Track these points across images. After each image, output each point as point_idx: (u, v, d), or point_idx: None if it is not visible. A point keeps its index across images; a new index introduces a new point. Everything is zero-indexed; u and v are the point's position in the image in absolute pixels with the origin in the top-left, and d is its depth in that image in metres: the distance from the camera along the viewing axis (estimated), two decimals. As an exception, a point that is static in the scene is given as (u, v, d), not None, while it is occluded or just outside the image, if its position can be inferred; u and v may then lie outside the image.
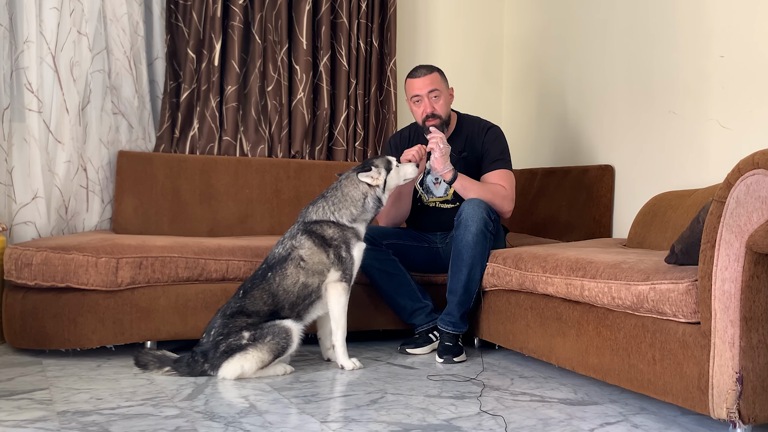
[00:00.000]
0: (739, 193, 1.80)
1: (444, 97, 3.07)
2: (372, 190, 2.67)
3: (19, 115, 3.32)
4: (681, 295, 1.94)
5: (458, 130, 3.16)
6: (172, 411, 2.10)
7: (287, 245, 2.61)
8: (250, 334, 2.48)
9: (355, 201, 2.65)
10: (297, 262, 2.57)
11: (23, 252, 2.74)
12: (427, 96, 3.03)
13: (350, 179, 2.69)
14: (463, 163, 3.08)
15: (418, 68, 3.09)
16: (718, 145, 3.02)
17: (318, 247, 2.60)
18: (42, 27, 3.27)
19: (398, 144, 3.26)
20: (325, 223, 2.63)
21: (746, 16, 2.90)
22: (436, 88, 3.03)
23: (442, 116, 3.06)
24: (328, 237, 2.61)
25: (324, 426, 1.98)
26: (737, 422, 1.81)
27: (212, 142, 3.76)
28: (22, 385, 2.37)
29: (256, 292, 2.55)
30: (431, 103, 3.03)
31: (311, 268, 2.59)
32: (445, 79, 3.12)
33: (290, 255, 2.58)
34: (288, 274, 2.56)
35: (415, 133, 3.24)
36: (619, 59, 3.59)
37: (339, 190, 2.67)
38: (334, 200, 2.66)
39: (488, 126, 3.16)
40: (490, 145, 3.09)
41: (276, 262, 2.59)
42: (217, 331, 2.50)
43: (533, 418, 2.09)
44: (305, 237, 2.61)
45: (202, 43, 3.73)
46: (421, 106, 3.05)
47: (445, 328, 2.88)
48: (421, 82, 3.04)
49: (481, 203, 2.83)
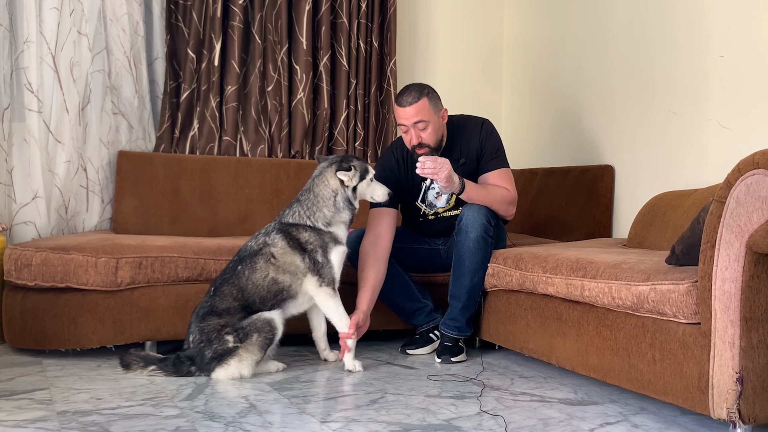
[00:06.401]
0: (739, 193, 1.80)
1: (432, 124, 2.85)
2: (342, 189, 2.64)
3: (19, 115, 3.32)
4: (681, 296, 1.94)
5: (451, 138, 3.01)
6: (172, 411, 2.10)
7: (260, 240, 2.61)
8: (234, 336, 2.47)
9: (326, 200, 2.63)
10: (267, 258, 2.57)
11: (23, 252, 2.74)
12: (412, 127, 2.84)
13: (322, 177, 2.66)
14: (462, 170, 2.95)
15: (405, 93, 2.85)
16: (718, 145, 3.02)
17: (291, 248, 2.58)
18: (42, 27, 3.27)
19: (393, 167, 3.06)
20: (301, 227, 2.62)
21: (746, 16, 2.90)
22: (421, 119, 2.82)
23: (431, 144, 2.88)
24: (303, 241, 2.60)
25: (324, 426, 1.98)
26: (737, 422, 1.81)
27: (212, 142, 3.76)
28: (22, 385, 2.37)
29: (225, 288, 2.55)
30: (417, 134, 2.86)
31: (282, 266, 2.57)
32: (437, 101, 2.89)
33: (261, 250, 2.58)
34: (257, 268, 2.56)
35: (407, 154, 3.04)
36: (619, 59, 3.59)
37: (311, 192, 2.66)
38: (307, 204, 2.64)
39: (480, 122, 3.04)
40: (486, 143, 2.99)
41: (246, 255, 2.59)
42: (196, 338, 2.51)
43: (533, 418, 2.09)
44: (279, 236, 2.60)
45: (202, 43, 3.73)
46: (408, 136, 2.90)
47: (449, 332, 2.87)
48: (404, 113, 2.83)
49: (481, 208, 2.81)
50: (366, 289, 2.78)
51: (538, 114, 4.22)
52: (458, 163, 2.97)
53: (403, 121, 2.86)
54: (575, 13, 3.91)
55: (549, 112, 4.13)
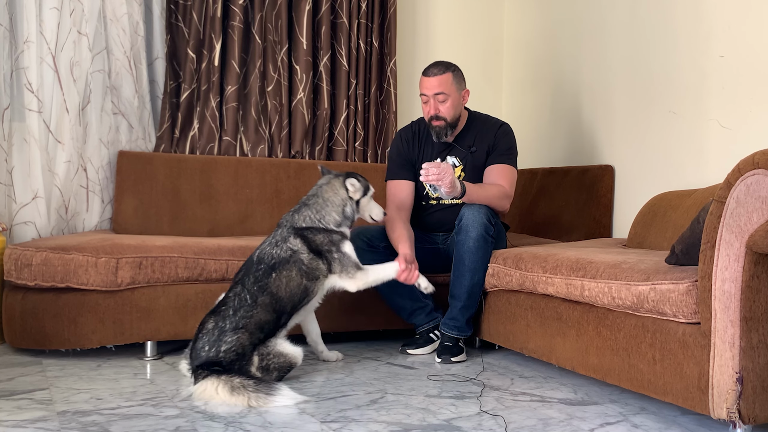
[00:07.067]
0: (739, 193, 1.80)
1: (452, 99, 3.01)
2: (350, 201, 2.66)
3: (19, 115, 3.32)
4: (681, 296, 1.94)
5: (468, 126, 3.14)
6: (172, 411, 2.10)
7: (284, 247, 2.53)
8: (259, 359, 2.36)
9: (335, 206, 2.63)
10: (299, 266, 2.52)
11: (23, 252, 2.74)
12: (433, 98, 3.01)
13: (330, 185, 2.66)
14: (471, 158, 3.09)
15: (433, 66, 3.03)
16: (718, 145, 3.02)
17: (314, 254, 2.56)
18: (42, 27, 3.27)
19: (409, 138, 3.20)
20: (315, 230, 2.60)
21: (746, 16, 2.90)
22: (442, 91, 2.98)
23: (447, 119, 3.03)
24: (318, 243, 2.58)
25: (324, 426, 1.98)
26: (737, 422, 1.81)
27: (212, 142, 3.76)
28: (22, 385, 2.37)
29: (264, 298, 2.43)
30: (435, 105, 3.01)
31: (309, 272, 2.54)
32: (461, 80, 3.06)
33: (291, 258, 2.52)
34: (293, 277, 2.51)
35: (425, 129, 3.19)
36: (619, 59, 3.59)
37: (319, 197, 2.64)
38: (316, 207, 2.62)
39: (500, 123, 3.16)
40: (500, 140, 3.10)
41: (277, 263, 2.50)
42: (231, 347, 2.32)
43: (533, 418, 2.09)
44: (299, 241, 2.55)
45: (202, 43, 3.73)
46: (427, 107, 3.04)
47: (449, 332, 2.88)
48: (428, 83, 3.00)
49: (481, 207, 2.83)
50: (404, 241, 2.89)
51: (538, 114, 4.22)
52: (469, 150, 3.10)
53: (425, 90, 3.02)
54: (575, 13, 3.91)
55: (549, 112, 4.13)
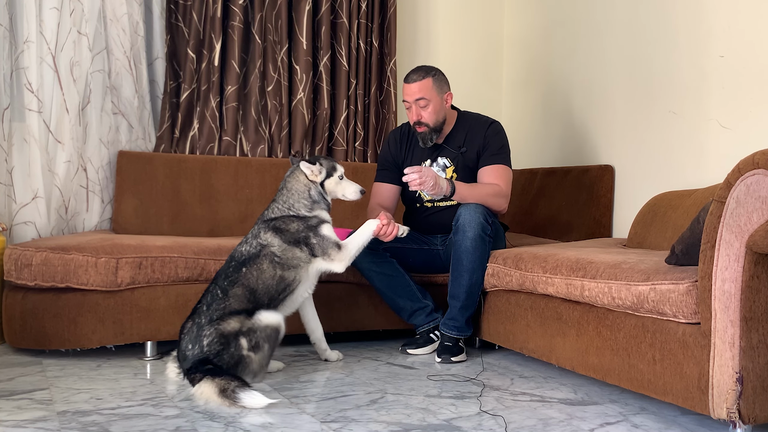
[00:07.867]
0: (739, 193, 1.80)
1: (433, 104, 3.00)
2: (313, 184, 2.64)
3: (19, 115, 3.32)
4: (681, 296, 1.94)
5: (457, 126, 3.14)
6: (172, 411, 2.10)
7: (254, 243, 2.53)
8: (248, 341, 2.36)
9: (300, 192, 2.62)
10: (271, 258, 2.51)
11: (23, 252, 2.74)
12: (414, 104, 3.00)
13: (292, 174, 2.66)
14: (461, 158, 3.08)
15: (413, 72, 3.03)
16: (718, 145, 3.02)
17: (288, 243, 2.54)
18: (42, 27, 3.27)
19: (398, 139, 3.24)
20: (287, 218, 2.58)
21: (746, 16, 2.90)
22: (423, 97, 2.97)
23: (430, 124, 3.02)
24: (293, 231, 2.56)
25: (324, 426, 1.98)
26: (737, 422, 1.81)
27: (212, 142, 3.76)
28: (22, 385, 2.37)
29: (236, 289, 2.43)
30: (417, 111, 3.01)
31: (286, 262, 2.53)
32: (442, 83, 3.04)
33: (261, 252, 2.50)
34: (264, 269, 2.49)
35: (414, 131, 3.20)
36: (619, 59, 3.59)
37: (284, 189, 2.64)
38: (283, 198, 2.63)
39: (490, 121, 3.14)
40: (490, 140, 3.07)
41: (247, 259, 2.49)
42: (213, 340, 2.33)
43: (533, 418, 2.09)
44: (270, 233, 2.54)
45: (202, 43, 3.73)
46: (410, 113, 3.05)
47: (449, 332, 2.88)
48: (409, 89, 3.00)
49: (478, 207, 2.83)
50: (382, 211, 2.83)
51: (538, 114, 4.22)
52: (459, 150, 3.09)
53: (406, 97, 3.03)
54: (575, 13, 3.91)
55: (549, 112, 4.13)
